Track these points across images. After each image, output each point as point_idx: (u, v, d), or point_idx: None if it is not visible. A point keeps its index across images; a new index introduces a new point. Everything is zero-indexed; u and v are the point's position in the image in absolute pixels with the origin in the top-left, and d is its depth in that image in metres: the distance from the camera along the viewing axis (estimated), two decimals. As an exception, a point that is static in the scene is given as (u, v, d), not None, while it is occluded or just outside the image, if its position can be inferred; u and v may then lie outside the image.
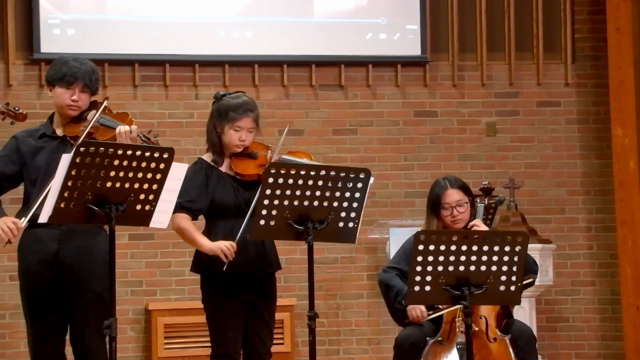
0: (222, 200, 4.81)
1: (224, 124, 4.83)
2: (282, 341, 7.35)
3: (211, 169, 4.85)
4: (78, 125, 4.64)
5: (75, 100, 4.67)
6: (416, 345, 5.18)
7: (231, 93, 4.94)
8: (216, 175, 4.84)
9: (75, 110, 4.69)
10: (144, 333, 7.48)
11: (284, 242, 4.93)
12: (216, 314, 4.82)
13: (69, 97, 4.67)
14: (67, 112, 4.69)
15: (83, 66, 4.70)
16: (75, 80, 4.66)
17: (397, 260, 5.35)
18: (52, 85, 4.72)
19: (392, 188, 7.85)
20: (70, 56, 4.79)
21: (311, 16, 7.82)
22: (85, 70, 4.69)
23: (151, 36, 7.56)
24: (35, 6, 7.37)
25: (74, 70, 4.66)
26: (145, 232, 7.34)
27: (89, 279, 4.61)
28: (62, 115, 4.72)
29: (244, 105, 4.85)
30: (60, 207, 4.20)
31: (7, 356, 7.29)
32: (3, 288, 7.24)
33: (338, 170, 4.63)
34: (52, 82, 4.71)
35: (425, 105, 7.97)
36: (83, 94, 4.69)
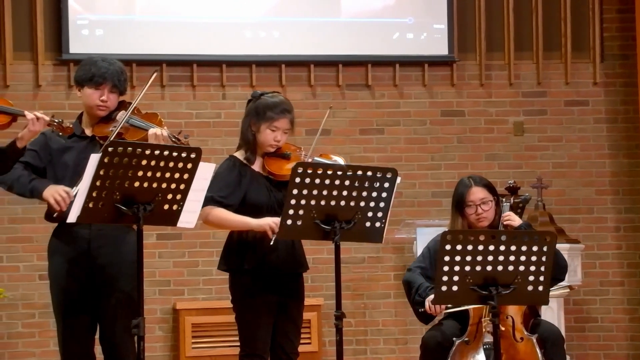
0: (256, 199, 4.82)
1: (261, 123, 4.83)
2: (310, 341, 7.35)
3: (244, 167, 4.87)
4: (107, 125, 4.66)
5: (104, 101, 4.69)
6: (443, 345, 5.18)
7: (268, 92, 4.95)
8: (249, 174, 4.85)
9: (104, 111, 4.71)
10: (171, 332, 7.51)
11: (311, 241, 4.93)
12: (245, 313, 4.82)
13: (98, 97, 4.69)
14: (96, 113, 4.72)
15: (112, 66, 4.72)
16: (104, 80, 4.68)
17: (421, 259, 5.35)
18: (81, 86, 4.74)
19: (419, 188, 7.84)
20: (98, 56, 4.81)
21: (338, 16, 7.82)
22: (114, 70, 4.71)
23: (179, 36, 7.58)
24: (64, 7, 7.42)
25: (103, 71, 4.69)
26: (173, 232, 7.36)
27: (119, 278, 4.63)
28: (91, 115, 4.74)
29: (282, 105, 4.87)
30: (88, 207, 4.22)
31: (36, 355, 7.35)
32: (32, 287, 7.29)
33: (365, 170, 4.63)
34: (81, 83, 4.74)
35: (452, 104, 7.96)
36: (112, 94, 4.71)
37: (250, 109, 4.89)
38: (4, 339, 7.31)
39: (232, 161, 4.88)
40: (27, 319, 7.34)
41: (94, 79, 4.69)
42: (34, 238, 7.27)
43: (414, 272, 5.27)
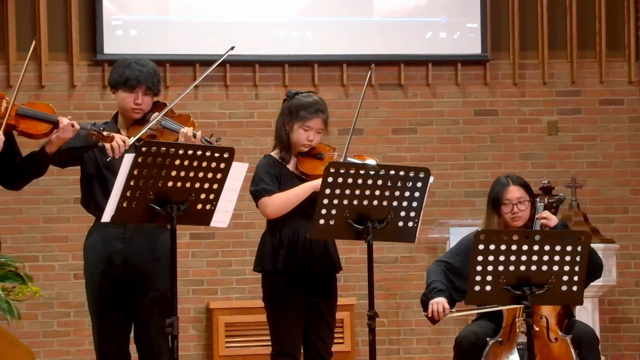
0: (290, 199, 4.84)
1: (294, 123, 4.84)
2: (342, 340, 7.35)
3: (279, 165, 4.87)
4: (141, 127, 4.68)
5: (139, 104, 4.70)
6: (476, 345, 5.16)
7: (303, 92, 4.95)
8: (284, 173, 4.86)
9: (139, 113, 4.72)
10: (205, 332, 7.54)
11: (344, 241, 4.93)
12: (277, 313, 4.83)
13: (133, 100, 4.70)
14: (131, 115, 4.73)
15: (145, 69, 4.72)
16: (138, 83, 4.69)
17: (449, 255, 5.34)
18: (115, 89, 4.75)
19: (452, 187, 7.82)
20: (131, 58, 4.81)
21: (371, 15, 7.82)
22: (148, 72, 4.72)
23: (212, 37, 7.61)
24: (99, 8, 7.47)
25: (137, 74, 4.69)
26: (206, 232, 7.39)
27: (153, 277, 4.65)
28: (126, 117, 4.76)
29: (316, 105, 4.86)
30: (122, 206, 4.24)
31: (71, 354, 7.40)
32: (68, 286, 7.34)
33: (397, 170, 4.62)
34: (115, 86, 4.75)
35: (485, 104, 7.93)
36: (146, 97, 4.72)
37: (284, 108, 4.90)
38: (40, 337, 7.37)
39: (270, 159, 4.90)
40: (62, 318, 7.40)
41: (127, 82, 4.69)
42: (69, 237, 7.33)
43: (437, 266, 5.26)
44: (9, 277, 6.02)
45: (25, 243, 7.36)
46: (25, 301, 6.33)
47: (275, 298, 4.83)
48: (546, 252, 4.54)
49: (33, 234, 7.41)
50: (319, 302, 4.85)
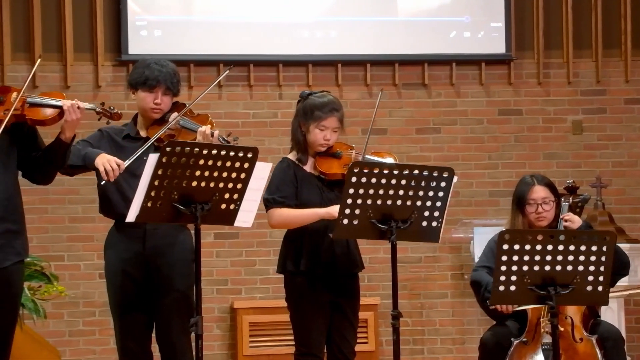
0: (309, 200, 4.83)
1: (309, 123, 4.84)
2: (366, 340, 7.35)
3: (297, 168, 4.88)
4: (160, 127, 4.69)
5: (158, 104, 4.72)
6: (501, 345, 5.15)
7: (317, 92, 4.95)
8: (302, 175, 4.86)
9: (158, 113, 4.74)
10: (229, 331, 7.56)
11: (367, 241, 4.93)
12: (300, 314, 4.84)
13: (152, 100, 4.72)
14: (150, 115, 4.75)
15: (164, 69, 4.74)
16: (157, 83, 4.71)
17: (484, 259, 5.33)
18: (135, 89, 4.78)
19: (476, 187, 7.80)
20: (151, 58, 4.83)
21: (395, 15, 7.81)
22: (167, 73, 4.73)
23: (236, 37, 7.63)
24: (124, 8, 7.50)
25: (156, 74, 4.71)
26: (230, 231, 7.41)
27: (174, 278, 4.66)
28: (146, 117, 4.78)
29: (330, 105, 4.86)
30: (147, 206, 4.25)
31: (97, 353, 7.44)
32: (93, 286, 7.38)
33: (421, 170, 4.62)
34: (135, 86, 4.77)
35: (509, 103, 7.91)
36: (165, 97, 4.73)
37: (299, 109, 4.90)
38: (66, 336, 7.41)
39: (286, 163, 4.90)
40: (87, 317, 7.43)
41: (147, 82, 4.72)
42: (94, 237, 7.35)
43: (481, 271, 5.25)
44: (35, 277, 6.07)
45: (50, 243, 7.41)
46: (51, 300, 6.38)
47: (299, 299, 4.84)
48: (571, 252, 4.52)
49: (59, 234, 7.45)
50: (342, 302, 4.85)
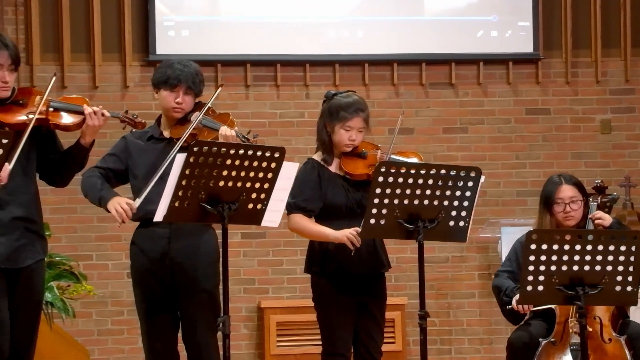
0: (334, 201, 4.83)
1: (335, 123, 4.84)
2: (393, 340, 7.34)
3: (322, 168, 4.88)
4: (183, 128, 4.70)
5: (179, 103, 4.73)
6: (529, 345, 5.13)
7: (342, 92, 4.94)
8: (327, 176, 4.86)
9: (180, 113, 4.75)
10: (256, 331, 7.57)
11: (394, 240, 4.93)
12: (327, 314, 4.84)
13: (173, 99, 4.73)
14: (172, 115, 4.76)
15: (186, 69, 4.75)
16: (178, 83, 4.72)
17: (508, 263, 5.32)
18: (158, 88, 4.79)
19: (503, 187, 7.78)
20: (175, 59, 4.85)
21: (422, 14, 7.80)
22: (189, 72, 4.74)
23: (263, 37, 7.65)
24: (151, 9, 7.53)
25: (178, 73, 4.72)
26: (257, 231, 7.42)
27: (199, 278, 4.66)
28: (168, 117, 4.79)
29: (355, 105, 4.86)
30: (174, 206, 4.27)
31: (125, 352, 7.47)
32: (121, 285, 7.41)
33: (448, 169, 4.61)
34: (157, 85, 4.78)
35: (537, 102, 7.88)
36: (187, 96, 4.74)
37: (324, 109, 4.90)
38: (94, 335, 7.45)
39: (311, 164, 4.90)
40: (116, 317, 7.47)
41: (168, 82, 4.73)
42: (122, 237, 7.38)
43: (502, 276, 5.25)
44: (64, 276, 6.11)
45: (79, 242, 7.45)
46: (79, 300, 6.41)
47: (326, 299, 4.84)
48: (599, 252, 4.50)
49: (87, 233, 7.49)
50: (368, 302, 4.85)
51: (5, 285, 4.41)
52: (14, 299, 4.43)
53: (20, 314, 4.45)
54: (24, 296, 4.45)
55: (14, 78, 4.46)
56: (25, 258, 4.44)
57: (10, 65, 4.42)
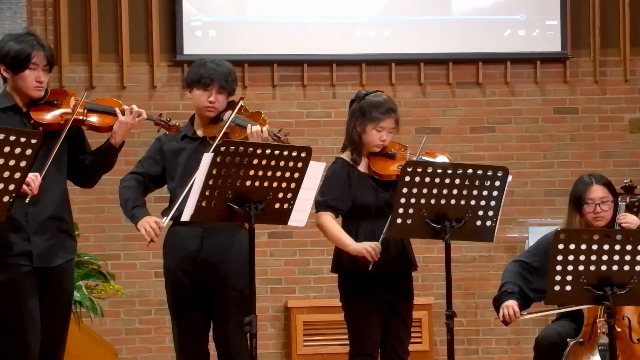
0: (364, 201, 4.83)
1: (366, 124, 4.84)
2: (420, 340, 7.34)
3: (351, 168, 4.88)
4: (216, 126, 4.73)
5: (212, 102, 4.75)
6: (557, 346, 5.11)
7: (373, 92, 4.94)
8: (356, 175, 4.86)
9: (213, 112, 4.77)
10: (283, 330, 7.58)
11: (421, 240, 4.92)
12: (355, 313, 4.84)
13: (206, 98, 4.76)
14: (205, 114, 4.79)
15: (220, 68, 4.77)
16: (211, 82, 4.74)
17: (527, 254, 5.29)
18: (191, 88, 4.81)
19: (531, 186, 7.75)
20: (208, 58, 4.87)
21: (449, 14, 7.78)
22: (222, 71, 4.76)
23: (289, 36, 7.66)
24: (179, 9, 7.56)
25: (211, 72, 4.75)
26: (284, 231, 7.43)
27: (230, 276, 4.68)
28: (201, 116, 4.82)
29: (387, 105, 4.86)
30: (201, 205, 4.28)
31: (153, 351, 7.50)
32: (149, 284, 7.44)
33: (475, 169, 4.60)
34: (191, 84, 4.81)
35: (565, 102, 7.84)
36: (220, 95, 4.76)
37: (355, 109, 4.89)
38: (122, 334, 7.49)
39: (340, 163, 4.90)
40: (143, 316, 7.50)
41: (201, 81, 4.75)
42: (150, 236, 7.42)
43: (514, 266, 5.21)
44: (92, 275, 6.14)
45: (107, 242, 7.49)
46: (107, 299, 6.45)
47: (353, 298, 4.84)
48: (628, 251, 4.47)
49: (115, 233, 7.53)
50: (396, 301, 4.85)
51: (37, 284, 4.45)
52: (45, 299, 4.47)
53: (51, 314, 4.48)
54: (55, 295, 4.49)
55: (47, 79, 4.51)
56: (57, 257, 4.48)
57: (45, 65, 4.47)
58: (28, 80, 4.44)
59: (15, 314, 4.39)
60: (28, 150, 3.93)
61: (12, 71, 4.45)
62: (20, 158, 3.92)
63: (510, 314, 5.02)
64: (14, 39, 4.48)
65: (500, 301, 5.08)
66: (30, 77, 4.44)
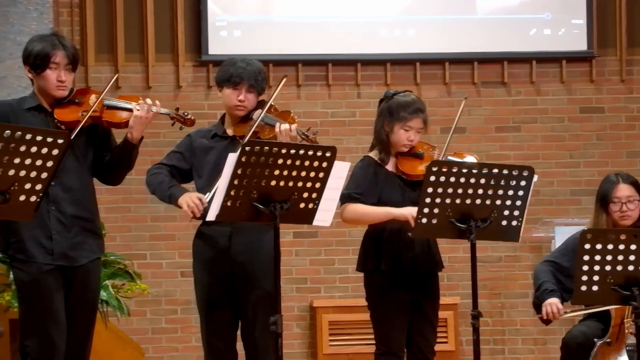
0: (390, 199, 4.82)
1: (394, 123, 4.83)
2: (446, 340, 7.32)
3: (379, 167, 4.87)
4: (246, 125, 4.74)
5: (242, 101, 4.76)
6: (584, 346, 5.09)
7: (401, 92, 4.93)
8: (384, 174, 4.86)
9: (242, 110, 4.78)
10: (309, 330, 7.59)
11: (447, 240, 4.92)
12: (381, 313, 4.84)
13: (236, 97, 4.77)
14: (234, 113, 4.80)
15: (249, 67, 4.78)
16: (241, 81, 4.76)
17: (557, 254, 5.28)
18: (221, 87, 4.83)
19: (557, 186, 7.72)
20: (239, 57, 4.89)
21: (474, 13, 7.77)
22: (252, 70, 4.77)
23: (314, 36, 7.66)
24: (204, 9, 7.59)
25: (240, 71, 4.76)
26: (309, 230, 7.44)
27: (259, 276, 4.68)
28: (231, 115, 4.83)
29: (415, 105, 4.85)
30: (227, 205, 4.29)
31: (179, 350, 7.53)
32: (175, 284, 7.47)
33: (501, 169, 4.59)
34: (221, 83, 4.83)
35: (591, 101, 7.80)
36: (249, 94, 4.77)
37: (383, 109, 4.89)
38: (149, 334, 7.52)
39: (367, 161, 4.90)
40: (170, 315, 7.53)
41: (231, 79, 4.77)
42: (176, 236, 7.45)
43: (545, 266, 5.20)
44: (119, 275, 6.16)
45: (133, 241, 7.52)
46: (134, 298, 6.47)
47: (379, 297, 4.84)
48: (655, 251, 4.45)
49: (141, 232, 7.56)
50: (422, 301, 4.84)
51: (62, 282, 4.47)
52: (70, 298, 4.50)
53: (77, 313, 4.51)
54: (80, 294, 4.52)
55: (71, 78, 4.54)
56: (80, 256, 4.50)
57: (67, 65, 4.49)
58: (49, 80, 4.48)
59: (39, 313, 4.42)
60: (55, 150, 3.95)
61: (34, 71, 4.50)
62: (47, 158, 3.94)
63: (554, 311, 5.01)
64: (37, 40, 4.52)
65: (541, 298, 5.05)
66: (52, 77, 4.48)
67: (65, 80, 4.49)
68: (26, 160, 3.90)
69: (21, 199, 3.96)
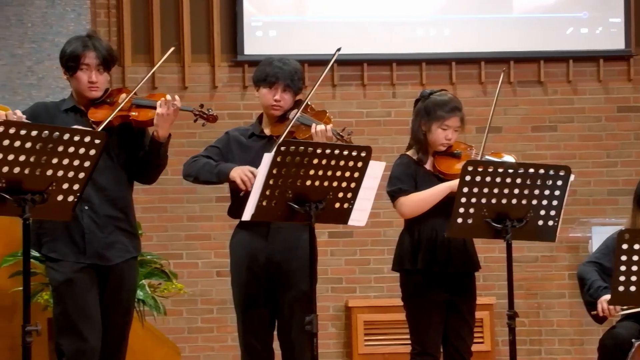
0: (427, 197, 4.83)
1: (432, 122, 4.83)
2: (482, 340, 7.30)
3: (417, 165, 4.87)
4: (282, 125, 4.74)
5: (278, 100, 4.77)
6: (622, 347, 5.05)
7: (437, 91, 4.93)
8: (422, 173, 4.86)
9: (278, 110, 4.79)
10: (344, 330, 7.59)
11: (483, 240, 4.90)
12: (417, 312, 4.83)
13: (272, 97, 4.77)
14: (271, 112, 4.81)
15: (286, 66, 4.79)
16: (276, 80, 4.76)
17: (598, 255, 5.24)
18: (258, 86, 4.84)
19: (594, 186, 7.67)
20: (276, 57, 4.89)
21: (510, 12, 7.74)
22: (288, 70, 4.78)
23: (349, 36, 7.66)
24: (239, 10, 7.62)
25: (276, 71, 4.77)
26: (345, 230, 7.44)
27: (295, 275, 4.68)
28: (268, 115, 4.83)
29: (452, 104, 4.85)
30: (262, 205, 4.30)
31: (215, 350, 7.56)
32: (211, 284, 7.50)
33: (537, 168, 4.57)
34: (257, 83, 4.84)
35: (629, 100, 7.75)
36: (285, 94, 4.78)
37: (420, 108, 4.89)
38: (185, 333, 7.56)
39: (406, 159, 4.90)
40: (205, 315, 7.56)
41: (267, 79, 4.78)
42: (212, 235, 7.48)
43: (589, 267, 5.17)
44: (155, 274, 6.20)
45: (169, 241, 7.56)
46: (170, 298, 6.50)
47: (415, 297, 4.83)
48: (694, 252, 4.41)
49: (177, 232, 7.60)
50: (458, 301, 4.83)
51: (97, 281, 4.50)
52: (105, 297, 4.53)
53: (112, 312, 4.54)
54: (114, 294, 4.54)
55: (104, 79, 4.56)
56: (114, 256, 4.53)
57: (98, 65, 4.52)
58: (81, 81, 4.52)
59: (72, 312, 4.45)
60: (92, 150, 3.99)
61: (68, 73, 4.54)
62: (85, 158, 3.98)
63: (610, 308, 4.97)
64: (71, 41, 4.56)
65: (596, 295, 5.02)
66: (83, 78, 4.51)
67: (96, 81, 4.52)
68: (64, 161, 3.94)
69: (59, 199, 4.00)
